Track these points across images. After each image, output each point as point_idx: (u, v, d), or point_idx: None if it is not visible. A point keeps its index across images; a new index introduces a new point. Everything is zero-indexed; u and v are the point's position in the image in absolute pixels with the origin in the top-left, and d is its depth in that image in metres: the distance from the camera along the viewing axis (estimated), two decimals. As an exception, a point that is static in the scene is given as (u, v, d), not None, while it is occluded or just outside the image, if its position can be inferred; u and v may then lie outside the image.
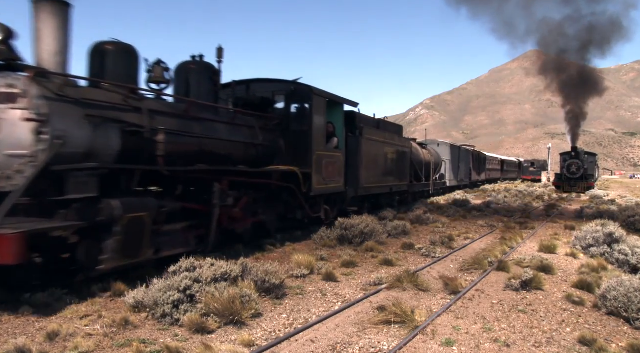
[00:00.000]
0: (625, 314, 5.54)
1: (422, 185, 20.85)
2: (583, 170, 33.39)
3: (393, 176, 15.81)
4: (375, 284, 6.65)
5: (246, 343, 4.33)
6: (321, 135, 10.64)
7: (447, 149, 28.80)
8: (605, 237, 9.46)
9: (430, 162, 22.09)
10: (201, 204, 7.46)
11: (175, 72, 8.34)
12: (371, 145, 13.55)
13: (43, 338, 4.20)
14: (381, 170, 14.59)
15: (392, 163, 15.65)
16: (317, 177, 10.26)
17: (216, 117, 8.38)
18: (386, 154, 14.95)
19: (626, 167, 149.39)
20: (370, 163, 13.44)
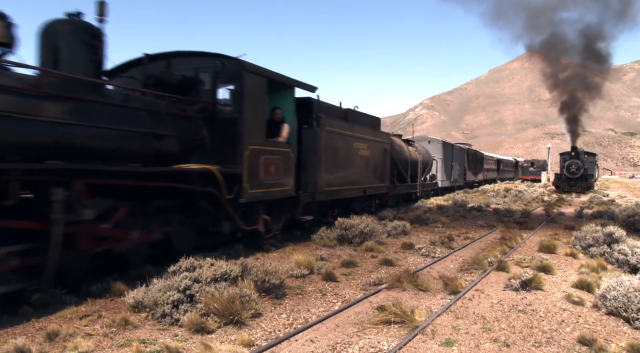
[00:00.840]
0: (625, 314, 5.54)
1: (408, 186, 18.89)
2: (583, 170, 33.39)
3: (368, 176, 13.55)
4: (375, 284, 6.65)
5: (246, 343, 4.33)
6: (258, 125, 8.34)
7: (438, 146, 26.39)
8: (605, 236, 9.46)
9: (418, 160, 20.02)
10: (37, 220, 5.12)
11: (40, 35, 6.20)
12: (335, 140, 11.25)
13: (43, 338, 4.20)
14: (351, 170, 12.29)
15: (366, 161, 13.37)
16: (251, 179, 8.08)
17: (95, 97, 6.17)
18: (357, 151, 12.64)
19: (626, 167, 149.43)
20: (334, 161, 11.20)
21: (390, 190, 16.16)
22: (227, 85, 8.36)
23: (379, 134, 14.70)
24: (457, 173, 30.13)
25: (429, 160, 22.51)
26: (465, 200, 20.77)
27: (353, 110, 13.22)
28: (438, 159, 25.35)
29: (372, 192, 14.18)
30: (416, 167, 19.86)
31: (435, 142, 26.64)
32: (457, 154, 30.14)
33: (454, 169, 29.09)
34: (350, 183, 12.34)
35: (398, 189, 17.65)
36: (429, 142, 26.00)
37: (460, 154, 31.09)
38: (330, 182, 11.02)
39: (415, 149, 20.47)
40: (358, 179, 12.85)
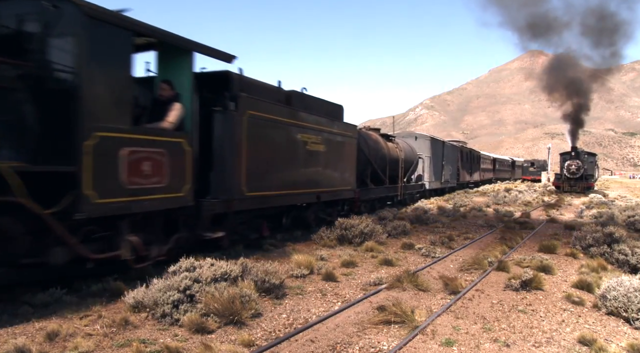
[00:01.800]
0: (625, 314, 5.54)
1: (385, 189, 16.07)
2: (583, 170, 33.39)
3: (324, 178, 10.87)
4: (375, 284, 6.65)
5: (246, 343, 4.34)
6: (117, 101, 5.72)
7: (426, 143, 23.30)
8: (605, 237, 9.47)
9: (399, 159, 17.38)
10: None
11: None
12: (268, 129, 8.58)
13: (43, 338, 4.20)
14: (295, 170, 9.63)
15: (320, 159, 10.66)
16: (101, 182, 5.43)
17: None
18: (305, 144, 9.96)
19: (626, 167, 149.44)
20: (266, 157, 8.55)
21: (361, 193, 13.54)
22: (63, 39, 5.52)
23: (341, 126, 11.87)
24: (449, 173, 27.51)
25: (413, 158, 19.68)
26: (464, 201, 20.76)
27: (299, 93, 10.40)
28: (425, 157, 22.49)
29: (330, 198, 11.46)
30: (397, 166, 17.17)
31: (422, 139, 23.53)
32: (449, 152, 27.63)
33: (446, 168, 26.38)
34: (294, 187, 9.62)
35: (372, 193, 14.83)
36: (416, 139, 23.10)
37: (452, 152, 28.66)
38: (259, 185, 8.32)
39: (396, 145, 17.73)
40: (307, 181, 10.14)
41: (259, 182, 8.39)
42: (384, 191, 16.10)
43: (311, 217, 11.11)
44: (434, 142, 24.41)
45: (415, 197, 20.80)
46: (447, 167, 26.75)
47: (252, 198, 8.21)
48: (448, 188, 28.29)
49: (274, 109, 8.91)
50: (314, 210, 11.26)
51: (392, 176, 16.88)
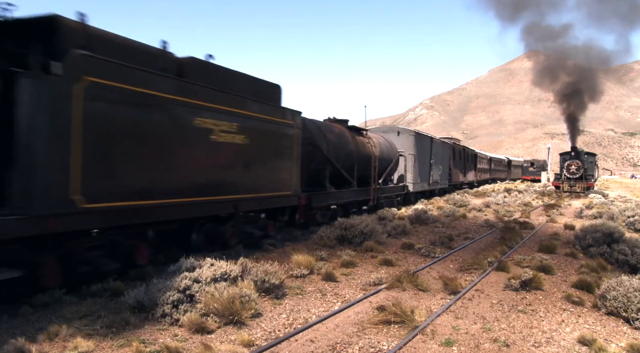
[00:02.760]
0: (625, 314, 5.55)
1: (352, 192, 13.23)
2: (583, 170, 33.39)
3: (245, 180, 8.25)
4: (375, 284, 6.65)
5: (246, 343, 4.34)
6: None
7: (409, 139, 19.96)
8: (605, 237, 9.47)
9: (372, 156, 14.51)
10: None
11: None
12: (136, 109, 6.05)
13: (43, 338, 4.21)
14: (190, 169, 7.00)
15: (239, 154, 8.05)
16: None
17: None
18: (208, 134, 7.27)
19: (626, 167, 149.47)
20: (132, 151, 6.01)
21: (313, 199, 10.88)
22: None
23: (275, 112, 9.04)
24: (439, 173, 24.38)
25: (392, 156, 16.69)
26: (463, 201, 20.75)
27: (201, 62, 7.58)
28: (409, 155, 19.34)
29: (257, 206, 8.82)
30: (369, 166, 14.40)
31: (405, 134, 20.07)
32: (439, 150, 24.46)
33: (434, 168, 23.19)
34: (188, 193, 6.93)
35: (332, 197, 12.11)
36: (398, 134, 19.79)
37: (443, 150, 25.55)
38: (115, 191, 5.74)
39: (369, 140, 14.83)
40: (214, 186, 7.51)
41: (115, 187, 5.72)
42: (350, 195, 13.19)
43: (229, 233, 8.23)
44: (420, 138, 20.98)
45: (395, 202, 17.74)
46: (436, 166, 23.55)
47: (97, 212, 5.48)
48: (438, 190, 25.12)
49: (147, 79, 6.15)
50: (235, 224, 8.38)
51: (363, 177, 14.17)
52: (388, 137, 18.06)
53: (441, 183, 25.15)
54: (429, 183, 22.46)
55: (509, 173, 56.26)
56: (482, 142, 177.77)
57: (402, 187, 18.53)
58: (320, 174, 11.80)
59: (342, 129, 13.41)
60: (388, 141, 17.05)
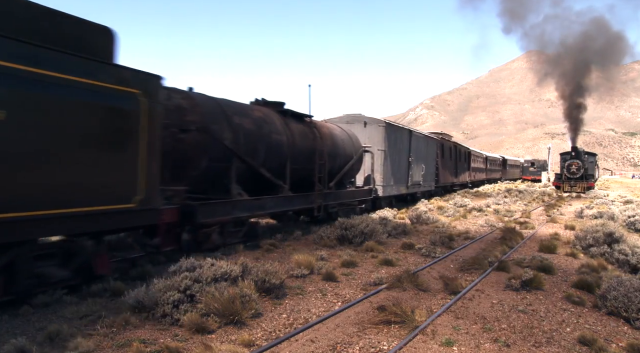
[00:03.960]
0: (625, 314, 5.54)
1: (279, 201, 9.88)
2: (583, 170, 33.41)
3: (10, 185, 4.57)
4: (375, 284, 6.65)
5: (246, 343, 4.34)
6: None
7: (379, 131, 16.23)
8: (605, 237, 9.47)
9: (316, 151, 11.28)
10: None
11: None
12: None
13: (43, 338, 4.21)
14: None
15: None
16: None
17: None
18: None
19: (626, 167, 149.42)
20: None
21: (198, 212, 7.54)
22: None
23: (93, 71, 5.45)
24: (421, 173, 20.76)
25: (352, 152, 13.34)
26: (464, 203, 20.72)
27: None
28: (378, 151, 15.84)
29: (47, 232, 5.16)
30: (312, 163, 11.20)
31: (373, 125, 16.35)
32: (422, 146, 20.83)
33: (415, 167, 19.65)
34: None
35: (240, 208, 8.62)
36: (365, 125, 16.21)
37: (427, 147, 21.79)
38: None
39: (315, 130, 11.59)
40: None
41: None
42: (276, 204, 9.79)
43: None
44: (393, 131, 17.17)
45: (356, 210, 14.29)
46: (417, 165, 19.97)
47: None
48: (420, 194, 21.73)
49: None
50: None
51: (304, 178, 11.10)
52: (352, 128, 15.04)
53: (425, 186, 21.59)
54: (407, 186, 18.91)
55: (504, 173, 53.25)
56: (483, 142, 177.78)
57: (367, 191, 14.68)
58: (222, 175, 8.45)
59: (267, 114, 9.97)
60: (348, 134, 13.73)
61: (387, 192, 16.56)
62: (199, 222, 7.63)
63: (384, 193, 16.09)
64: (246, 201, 8.89)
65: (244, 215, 8.82)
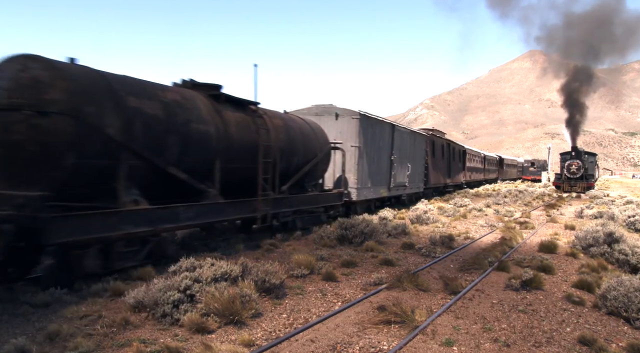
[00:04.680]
0: (625, 314, 5.54)
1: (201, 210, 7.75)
2: (583, 170, 33.42)
3: None
4: (375, 284, 6.65)
5: (246, 343, 4.33)
6: None
7: (352, 124, 13.76)
8: (605, 236, 9.47)
9: (261, 146, 9.14)
10: None
11: None
12: None
13: (43, 338, 4.21)
14: None
15: None
16: None
17: None
18: None
19: (626, 166, 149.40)
20: None
21: (56, 229, 5.41)
22: None
23: None
24: (407, 173, 18.38)
25: (315, 149, 11.31)
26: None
27: None
28: (352, 148, 13.51)
29: None
30: (253, 162, 9.05)
31: (346, 118, 13.81)
32: (407, 143, 18.43)
33: (398, 166, 17.29)
34: None
35: (133, 220, 6.49)
36: (337, 117, 13.80)
37: (414, 144, 19.49)
38: None
39: (260, 120, 9.39)
40: None
41: None
42: (196, 214, 7.63)
43: None
44: (369, 124, 14.58)
45: (322, 217, 12.05)
46: (401, 164, 17.55)
47: None
48: (406, 196, 19.33)
49: None
50: None
51: (245, 180, 8.98)
52: (322, 121, 13.13)
53: (412, 187, 19.33)
54: (389, 188, 16.57)
55: (500, 172, 50.52)
56: (483, 142, 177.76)
57: (336, 195, 12.61)
58: (108, 176, 6.36)
59: (188, 97, 7.87)
60: (312, 127, 11.64)
61: (364, 196, 14.34)
62: (54, 242, 5.42)
63: (358, 196, 13.81)
64: (144, 211, 6.62)
65: (141, 230, 6.55)
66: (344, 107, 14.07)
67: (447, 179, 26.66)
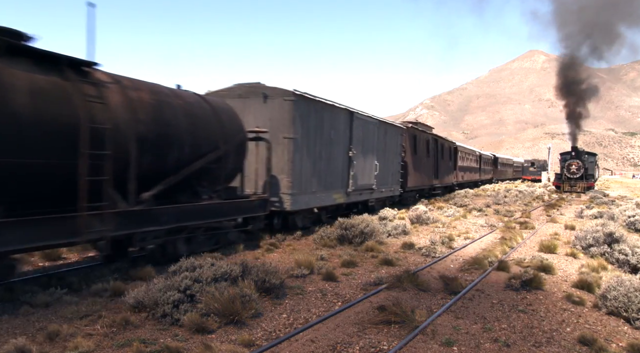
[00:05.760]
0: (625, 314, 5.54)
1: None
2: (583, 170, 33.42)
3: None
4: (375, 284, 6.65)
5: (246, 343, 4.33)
6: None
7: (284, 109, 10.31)
8: (605, 236, 9.47)
9: (80, 129, 5.65)
10: None
11: None
12: None
13: (43, 338, 4.21)
14: None
15: None
16: None
17: None
18: None
19: (626, 166, 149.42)
20: None
21: None
22: None
23: None
24: (374, 173, 14.70)
25: (214, 138, 8.24)
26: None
27: None
28: (284, 139, 10.22)
29: None
30: (76, 152, 5.66)
31: (277, 100, 10.45)
32: (373, 136, 14.61)
33: (360, 164, 13.59)
34: None
35: None
36: (266, 99, 10.54)
37: (384, 137, 15.63)
38: None
39: (95, 89, 6.11)
40: None
41: None
42: None
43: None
44: (313, 109, 11.17)
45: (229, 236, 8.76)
46: (363, 161, 13.85)
47: None
48: (375, 201, 15.51)
49: None
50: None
51: (59, 183, 5.73)
52: (248, 105, 10.37)
53: (383, 190, 15.61)
54: (347, 192, 12.86)
55: (495, 172, 47.53)
56: (483, 142, 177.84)
57: (257, 203, 9.32)
58: None
59: None
60: (215, 108, 8.46)
61: (304, 203, 10.72)
62: None
63: (295, 204, 10.19)
64: None
65: None
66: (275, 86, 10.49)
67: (433, 180, 23.16)
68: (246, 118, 9.79)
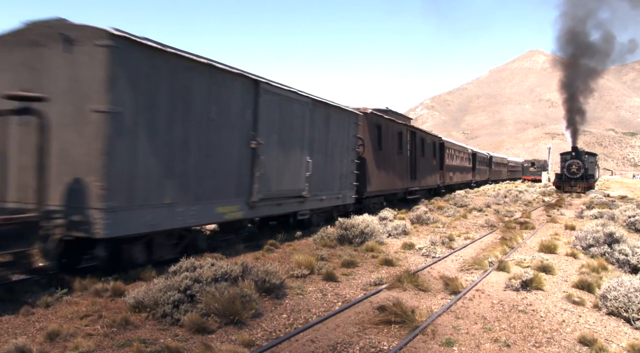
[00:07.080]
0: (626, 314, 5.55)
1: None
2: (583, 170, 33.42)
3: None
4: (375, 284, 6.65)
5: (246, 343, 4.33)
6: None
7: (95, 61, 5.80)
8: (606, 237, 9.47)
9: None
10: None
11: None
12: None
13: (43, 338, 4.20)
14: None
15: None
16: None
17: None
18: None
19: (627, 167, 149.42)
20: None
21: None
22: None
23: None
24: (306, 174, 10.51)
25: None
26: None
27: None
28: (94, 113, 5.83)
29: None
30: None
31: (85, 47, 5.88)
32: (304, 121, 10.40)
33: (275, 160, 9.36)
34: None
35: None
36: (70, 45, 5.95)
37: (326, 124, 11.53)
38: None
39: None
40: None
41: None
42: None
43: None
44: (161, 66, 6.65)
45: None
46: (287, 158, 9.81)
47: None
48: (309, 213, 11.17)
49: None
50: None
51: None
52: (43, 58, 6.21)
53: (322, 197, 11.50)
54: (249, 202, 8.64)
55: (490, 172, 44.28)
56: (483, 142, 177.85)
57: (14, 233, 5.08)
58: None
59: None
60: None
61: (144, 223, 6.46)
62: None
63: (115, 228, 6.01)
64: None
65: None
66: (85, 24, 6.07)
67: (409, 182, 18.84)
68: (43, 81, 6.10)
